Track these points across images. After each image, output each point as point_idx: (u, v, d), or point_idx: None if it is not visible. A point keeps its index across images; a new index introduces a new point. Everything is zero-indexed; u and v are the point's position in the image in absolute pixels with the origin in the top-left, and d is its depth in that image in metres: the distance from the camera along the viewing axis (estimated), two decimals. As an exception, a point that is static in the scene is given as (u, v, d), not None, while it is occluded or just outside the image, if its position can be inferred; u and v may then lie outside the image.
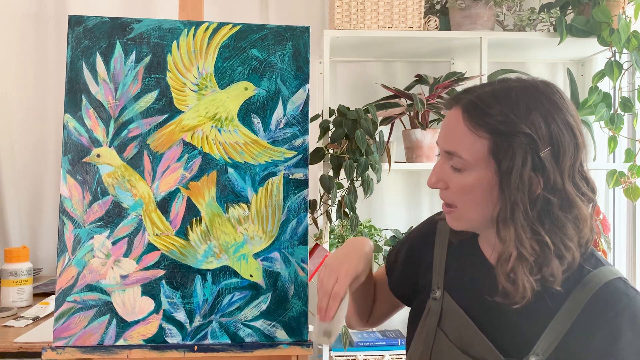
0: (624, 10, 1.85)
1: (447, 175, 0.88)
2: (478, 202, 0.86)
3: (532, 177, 0.81)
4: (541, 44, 2.02)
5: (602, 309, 0.82)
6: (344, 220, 1.80)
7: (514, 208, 0.82)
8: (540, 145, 0.81)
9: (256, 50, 1.12)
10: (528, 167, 0.81)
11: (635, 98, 1.86)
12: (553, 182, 0.81)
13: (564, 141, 0.82)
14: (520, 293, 0.83)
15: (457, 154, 0.85)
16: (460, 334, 0.92)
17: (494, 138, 0.83)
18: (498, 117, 0.82)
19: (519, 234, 0.82)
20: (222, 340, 1.07)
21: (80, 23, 1.09)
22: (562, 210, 0.82)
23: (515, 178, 0.81)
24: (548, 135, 0.81)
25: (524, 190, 0.81)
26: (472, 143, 0.84)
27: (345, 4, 1.86)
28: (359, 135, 1.69)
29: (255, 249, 1.10)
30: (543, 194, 0.82)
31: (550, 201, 0.82)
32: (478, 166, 0.84)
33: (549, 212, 0.82)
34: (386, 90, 2.00)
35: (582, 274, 0.84)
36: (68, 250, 1.06)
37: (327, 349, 1.88)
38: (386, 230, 2.08)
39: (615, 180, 1.87)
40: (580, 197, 0.83)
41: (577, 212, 0.83)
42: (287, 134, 1.12)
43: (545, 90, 0.85)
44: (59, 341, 1.04)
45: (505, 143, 0.82)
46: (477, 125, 0.84)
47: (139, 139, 1.09)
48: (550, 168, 0.81)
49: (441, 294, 0.97)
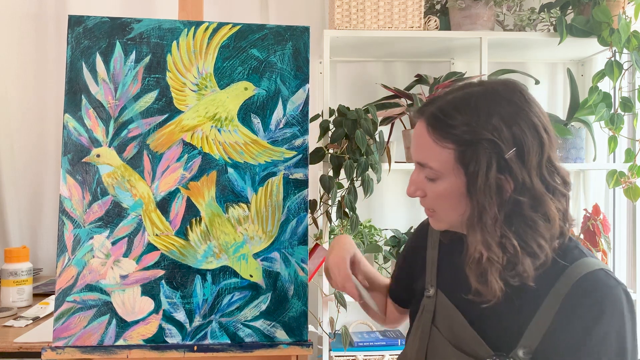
0: (624, 10, 1.85)
1: (423, 184, 0.92)
2: (454, 207, 0.90)
3: (501, 179, 0.84)
4: (541, 44, 2.02)
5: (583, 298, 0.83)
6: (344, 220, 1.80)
7: (482, 212, 0.85)
8: (505, 148, 0.83)
9: (256, 50, 1.12)
10: (493, 171, 0.83)
11: (635, 98, 1.86)
12: (522, 182, 0.83)
13: (527, 141, 0.84)
14: (490, 293, 0.86)
15: (428, 165, 0.89)
16: (452, 329, 0.95)
17: (458, 147, 0.86)
18: (460, 127, 0.85)
19: (485, 238, 0.85)
20: (221, 340, 1.07)
21: (80, 23, 1.09)
22: (532, 209, 0.85)
23: (481, 183, 0.84)
24: (511, 137, 0.84)
25: (491, 194, 0.84)
26: (439, 154, 0.87)
27: (345, 4, 1.86)
28: (359, 135, 1.69)
29: (255, 249, 1.10)
30: (513, 196, 0.84)
31: (520, 202, 0.84)
32: (448, 174, 0.88)
33: (519, 213, 0.85)
34: (386, 90, 2.00)
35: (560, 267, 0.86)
36: (68, 250, 1.06)
37: (327, 349, 1.88)
38: (386, 230, 2.08)
39: (616, 180, 1.87)
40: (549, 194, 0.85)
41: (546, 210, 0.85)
42: (287, 134, 1.12)
43: (505, 93, 0.87)
44: (59, 341, 1.04)
45: (469, 151, 0.85)
46: (441, 137, 0.87)
47: (138, 139, 1.09)
48: (517, 169, 0.83)
49: (434, 291, 1.01)
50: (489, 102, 0.86)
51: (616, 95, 1.86)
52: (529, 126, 0.85)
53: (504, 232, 0.85)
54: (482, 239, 0.85)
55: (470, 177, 0.85)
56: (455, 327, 0.95)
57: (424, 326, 1.00)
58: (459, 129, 0.85)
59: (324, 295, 1.81)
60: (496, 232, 0.85)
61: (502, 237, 0.85)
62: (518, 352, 0.86)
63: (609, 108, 1.87)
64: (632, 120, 1.89)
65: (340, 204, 1.75)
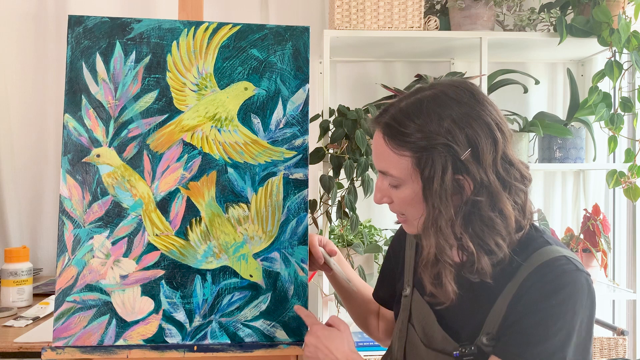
0: (624, 10, 1.85)
1: (388, 191, 0.94)
2: (419, 211, 0.90)
3: (459, 180, 0.85)
4: (541, 44, 2.02)
5: (538, 280, 0.84)
6: (344, 220, 1.80)
7: (437, 216, 0.86)
8: (460, 150, 0.84)
9: (256, 50, 1.12)
10: (449, 174, 0.84)
11: (635, 98, 1.86)
12: (480, 179, 0.85)
13: (480, 141, 0.85)
14: (444, 296, 0.88)
15: (389, 173, 0.91)
16: (423, 327, 0.97)
17: (414, 154, 0.87)
18: (414, 135, 0.86)
19: (438, 241, 0.87)
20: (221, 340, 1.07)
21: (80, 23, 1.09)
22: (490, 207, 0.86)
23: (437, 186, 0.85)
24: (464, 138, 0.85)
25: (447, 197, 0.85)
26: (397, 162, 0.89)
27: (345, 4, 1.86)
28: (359, 135, 1.69)
29: (255, 249, 1.10)
30: (471, 197, 0.85)
31: (478, 202, 0.85)
32: (408, 180, 0.89)
33: (477, 213, 0.86)
34: (386, 90, 2.00)
35: (520, 258, 0.87)
36: (68, 250, 1.06)
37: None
38: (386, 230, 2.08)
39: (615, 180, 1.87)
40: (505, 191, 0.87)
41: (502, 207, 0.86)
42: (287, 134, 1.12)
43: (454, 95, 0.88)
44: (59, 341, 1.04)
45: (424, 156, 0.86)
46: (398, 145, 0.88)
47: (138, 139, 1.09)
48: (474, 168, 0.85)
49: (411, 290, 1.03)
50: (439, 105, 0.87)
51: (616, 95, 1.86)
52: (481, 125, 0.86)
53: (460, 234, 0.86)
54: (435, 242, 0.87)
55: (426, 182, 0.86)
56: (425, 324, 0.97)
57: (402, 325, 1.03)
58: (413, 137, 0.86)
59: (324, 295, 1.81)
60: (451, 236, 0.86)
61: (458, 239, 0.86)
62: (482, 339, 0.87)
63: (609, 108, 1.87)
64: (632, 120, 1.89)
65: (340, 204, 1.75)
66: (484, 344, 0.87)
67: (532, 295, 0.84)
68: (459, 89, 0.89)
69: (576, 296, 0.82)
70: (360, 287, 1.20)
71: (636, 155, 1.86)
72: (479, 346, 0.87)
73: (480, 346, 0.87)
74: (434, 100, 0.88)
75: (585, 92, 2.00)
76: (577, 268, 0.85)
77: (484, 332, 0.87)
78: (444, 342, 0.92)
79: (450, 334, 0.92)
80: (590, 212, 2.03)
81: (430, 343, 0.95)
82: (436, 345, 0.94)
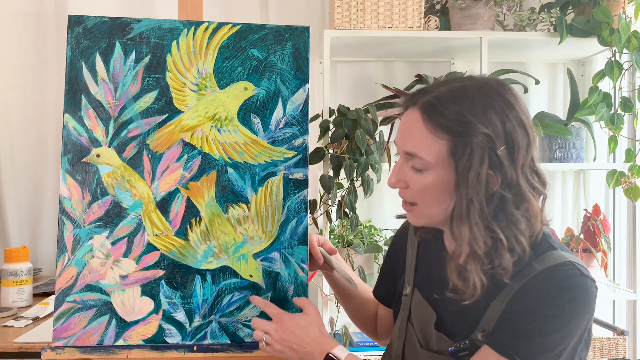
0: (624, 10, 1.85)
1: (407, 176, 0.90)
2: (438, 199, 0.88)
3: (490, 175, 0.83)
4: (541, 44, 2.02)
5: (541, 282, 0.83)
6: (344, 220, 1.80)
7: (470, 206, 0.84)
8: (497, 144, 0.83)
9: (256, 50, 1.12)
10: (485, 166, 0.83)
11: (635, 98, 1.86)
12: (509, 178, 0.83)
13: (517, 138, 0.84)
14: (470, 290, 0.85)
15: (418, 155, 0.87)
16: (422, 328, 0.96)
17: (452, 139, 0.84)
18: (456, 118, 0.84)
19: (473, 231, 0.84)
20: (221, 341, 1.07)
21: (80, 23, 1.09)
22: (515, 205, 0.84)
23: (473, 177, 0.83)
24: (503, 133, 0.83)
25: (480, 188, 0.83)
26: (431, 144, 0.86)
27: (345, 4, 1.86)
28: (359, 135, 1.69)
29: (254, 249, 1.10)
30: (499, 191, 0.84)
31: (505, 198, 0.84)
32: (438, 166, 0.86)
33: (503, 208, 0.84)
34: (386, 90, 2.00)
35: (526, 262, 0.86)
36: (68, 250, 1.06)
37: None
38: (386, 230, 2.08)
39: (616, 180, 1.87)
40: (531, 191, 0.85)
41: (528, 206, 0.85)
42: (286, 134, 1.12)
43: (498, 89, 0.87)
44: (59, 341, 1.04)
45: (463, 143, 0.83)
46: (436, 126, 0.85)
47: (138, 139, 1.09)
48: (507, 165, 0.83)
49: (411, 290, 1.02)
50: (485, 95, 0.85)
51: (616, 95, 1.86)
52: (520, 124, 0.85)
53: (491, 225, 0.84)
54: (469, 233, 0.84)
55: (462, 171, 0.83)
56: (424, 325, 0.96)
57: (401, 324, 1.02)
58: (454, 119, 0.84)
59: (324, 295, 1.81)
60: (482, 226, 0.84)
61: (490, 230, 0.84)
62: (477, 335, 0.87)
63: (609, 108, 1.87)
64: (632, 120, 1.89)
65: (340, 204, 1.75)
66: (478, 340, 0.86)
67: (532, 295, 0.83)
68: (502, 84, 0.88)
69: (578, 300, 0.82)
70: (359, 287, 1.20)
71: (636, 155, 1.86)
72: (473, 341, 0.86)
73: (474, 341, 0.86)
74: (480, 89, 0.86)
75: (585, 92, 2.00)
76: (581, 273, 0.84)
77: (480, 329, 0.87)
78: (439, 342, 0.92)
79: (446, 335, 0.92)
80: (591, 212, 2.03)
81: (427, 344, 0.95)
82: (432, 346, 0.93)
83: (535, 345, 0.81)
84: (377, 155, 1.77)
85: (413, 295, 1.02)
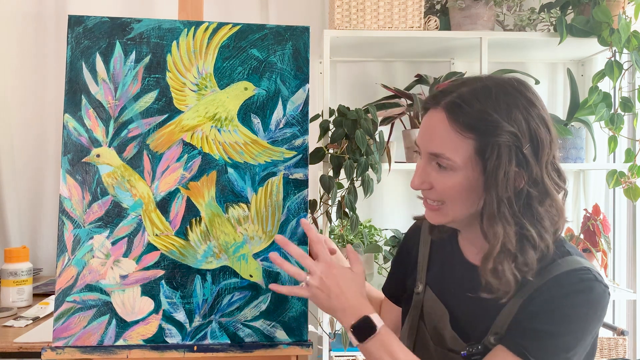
0: (624, 10, 1.85)
1: (432, 176, 0.90)
2: (464, 199, 0.88)
3: (517, 172, 0.84)
4: (541, 44, 2.02)
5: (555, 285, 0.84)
6: (344, 220, 1.80)
7: (500, 204, 0.84)
8: (523, 142, 0.83)
9: (256, 50, 1.12)
10: (513, 164, 0.83)
11: (635, 98, 1.86)
12: (535, 175, 0.84)
13: (541, 136, 0.85)
14: (504, 286, 0.85)
15: (444, 156, 0.86)
16: (435, 326, 0.97)
17: (479, 138, 0.84)
18: (481, 117, 0.84)
19: (506, 229, 0.84)
20: (221, 341, 1.07)
21: (80, 23, 1.09)
22: (540, 203, 0.85)
23: (502, 176, 0.83)
24: (528, 131, 0.84)
25: (509, 186, 0.83)
26: (457, 144, 0.85)
27: (345, 4, 1.86)
28: (359, 135, 1.69)
29: (255, 249, 1.10)
30: (526, 188, 0.84)
31: (531, 195, 0.84)
32: (465, 166, 0.86)
33: (530, 205, 0.85)
34: (386, 90, 2.00)
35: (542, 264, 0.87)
36: (68, 250, 1.06)
37: (327, 349, 1.88)
38: (386, 230, 2.08)
39: (616, 181, 1.87)
40: (556, 188, 0.87)
41: (553, 204, 0.86)
42: (286, 134, 1.12)
43: (519, 88, 0.87)
44: (59, 341, 1.04)
45: (490, 142, 0.83)
46: (462, 125, 0.85)
47: (138, 139, 1.09)
48: (533, 162, 0.84)
49: (423, 288, 1.02)
50: (507, 94, 0.85)
51: (616, 95, 1.86)
52: (542, 122, 0.85)
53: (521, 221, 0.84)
54: (502, 230, 0.84)
55: (491, 170, 0.83)
56: (437, 323, 0.96)
57: (412, 322, 1.02)
58: (481, 119, 0.84)
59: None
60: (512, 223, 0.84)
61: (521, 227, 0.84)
62: (490, 338, 0.87)
63: (609, 108, 1.87)
64: (632, 120, 1.89)
65: (340, 204, 1.75)
66: (491, 343, 0.87)
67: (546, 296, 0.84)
68: (522, 84, 0.88)
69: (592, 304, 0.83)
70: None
71: (636, 155, 1.86)
72: (486, 345, 0.87)
73: (487, 345, 0.87)
74: (503, 88, 0.86)
75: (585, 92, 2.00)
76: (595, 278, 0.84)
77: (492, 332, 0.87)
78: (453, 342, 0.92)
79: (460, 335, 0.92)
80: (591, 212, 2.03)
81: (440, 342, 0.95)
82: (445, 345, 0.94)
83: (548, 346, 0.82)
84: (377, 155, 1.77)
85: (425, 294, 1.01)
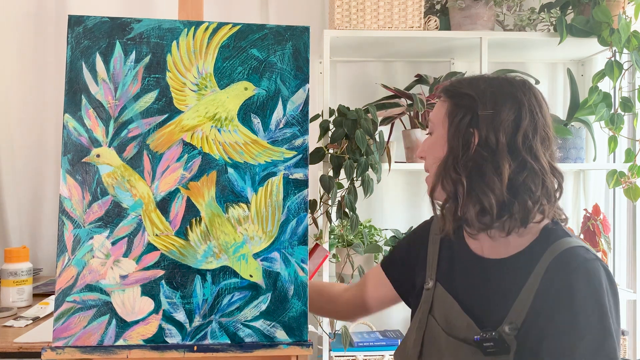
0: (624, 10, 1.85)
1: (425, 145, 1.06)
2: (435, 154, 1.02)
3: (471, 131, 0.96)
4: (541, 44, 2.02)
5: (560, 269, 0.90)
6: (344, 220, 1.79)
7: (449, 157, 0.98)
8: (481, 106, 0.95)
9: (256, 50, 1.12)
10: (466, 123, 0.96)
11: (635, 98, 1.86)
12: (485, 139, 0.94)
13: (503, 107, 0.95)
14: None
15: (431, 121, 1.05)
16: (446, 317, 1.01)
17: (451, 101, 1.00)
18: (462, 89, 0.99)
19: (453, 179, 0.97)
20: (221, 341, 1.07)
21: (80, 23, 1.09)
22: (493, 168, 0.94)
23: (454, 132, 0.97)
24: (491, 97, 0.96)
25: (461, 143, 0.96)
26: (439, 108, 1.03)
27: (345, 4, 1.86)
28: (359, 135, 1.69)
29: (255, 249, 1.10)
30: (477, 149, 0.95)
31: (482, 156, 0.95)
32: (440, 125, 1.01)
33: (480, 165, 0.95)
34: (386, 90, 2.00)
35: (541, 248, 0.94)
36: (68, 250, 1.06)
37: (327, 349, 1.88)
38: (386, 230, 2.08)
39: (616, 181, 1.87)
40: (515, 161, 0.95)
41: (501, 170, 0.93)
42: (287, 134, 1.12)
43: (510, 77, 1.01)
44: (59, 341, 1.04)
45: (457, 103, 0.98)
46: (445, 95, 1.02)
47: (138, 139, 1.09)
48: (484, 126, 0.94)
49: (433, 284, 1.07)
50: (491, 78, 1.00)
51: (616, 95, 1.86)
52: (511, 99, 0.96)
53: (459, 175, 0.95)
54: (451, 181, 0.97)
55: (450, 127, 0.98)
56: (448, 313, 1.00)
57: (421, 317, 1.05)
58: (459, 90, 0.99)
59: (324, 295, 1.81)
60: (451, 172, 0.96)
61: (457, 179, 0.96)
62: (504, 327, 0.91)
63: (609, 108, 1.87)
64: (632, 120, 1.89)
65: (340, 204, 1.75)
66: (505, 333, 0.90)
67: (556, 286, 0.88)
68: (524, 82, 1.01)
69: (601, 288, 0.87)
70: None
71: (636, 155, 1.86)
72: (501, 334, 0.90)
73: (501, 334, 0.90)
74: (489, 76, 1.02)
75: (585, 92, 2.00)
76: (596, 257, 0.90)
77: (507, 321, 0.91)
78: (467, 329, 0.95)
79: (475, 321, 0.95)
80: (591, 212, 2.03)
81: (452, 331, 0.98)
82: (459, 334, 0.96)
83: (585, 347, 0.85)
84: (377, 155, 1.77)
85: (436, 289, 1.05)
